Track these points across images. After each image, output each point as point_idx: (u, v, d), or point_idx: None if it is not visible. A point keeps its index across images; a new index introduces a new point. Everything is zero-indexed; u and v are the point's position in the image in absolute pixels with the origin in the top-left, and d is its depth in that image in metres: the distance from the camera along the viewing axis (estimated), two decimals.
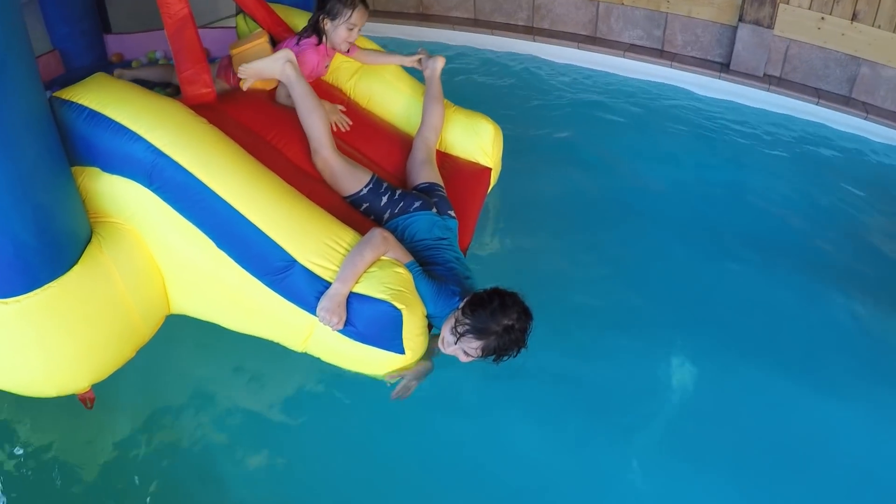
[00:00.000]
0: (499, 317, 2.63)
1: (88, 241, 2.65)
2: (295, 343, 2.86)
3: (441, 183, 3.45)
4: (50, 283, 2.47)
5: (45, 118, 2.44)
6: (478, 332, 2.63)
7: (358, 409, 3.04)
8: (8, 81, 2.19)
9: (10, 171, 2.25)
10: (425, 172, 3.47)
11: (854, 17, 5.45)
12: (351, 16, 3.57)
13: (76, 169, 2.70)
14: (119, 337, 2.72)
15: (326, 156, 3.24)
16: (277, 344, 2.90)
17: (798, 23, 5.69)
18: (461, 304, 2.74)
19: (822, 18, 5.57)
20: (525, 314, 2.69)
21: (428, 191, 3.35)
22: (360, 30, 3.66)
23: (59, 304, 2.50)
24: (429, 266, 2.96)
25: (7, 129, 2.21)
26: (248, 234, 2.70)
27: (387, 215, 3.21)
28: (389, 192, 3.24)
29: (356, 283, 2.67)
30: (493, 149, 3.92)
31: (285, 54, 3.42)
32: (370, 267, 2.72)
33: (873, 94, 5.60)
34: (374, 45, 4.09)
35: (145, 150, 2.67)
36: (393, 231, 3.13)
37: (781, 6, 5.69)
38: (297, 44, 3.65)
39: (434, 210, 3.21)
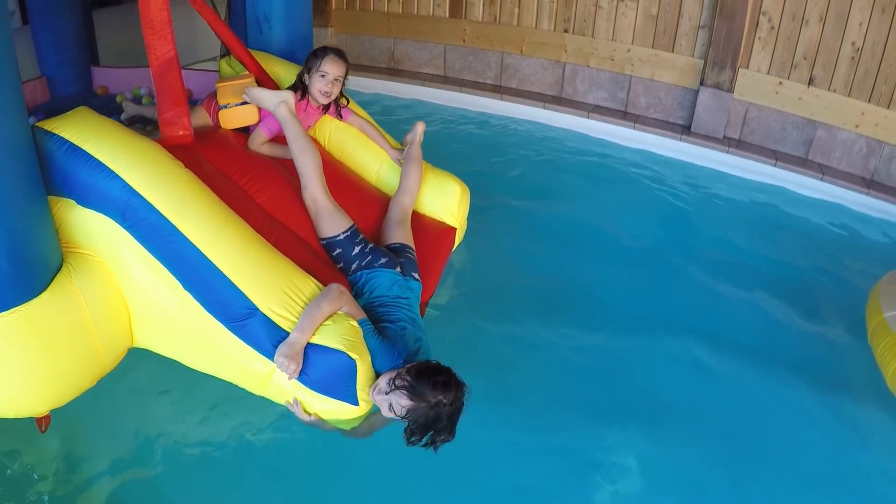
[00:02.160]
0: (438, 391, 2.60)
1: (59, 269, 2.65)
2: (253, 386, 2.86)
3: (412, 245, 3.48)
4: (18, 307, 2.45)
5: (27, 146, 2.46)
6: (412, 393, 2.60)
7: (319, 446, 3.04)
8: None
9: None
10: (399, 233, 3.51)
11: (811, 82, 5.67)
12: (321, 64, 3.64)
13: (52, 198, 2.71)
14: (81, 365, 2.71)
15: (315, 193, 3.31)
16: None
17: (757, 87, 5.90)
18: (409, 365, 2.74)
19: (780, 83, 5.78)
20: (459, 402, 2.65)
21: (398, 251, 3.39)
22: (335, 80, 3.69)
23: (25, 328, 2.48)
24: (382, 324, 2.98)
25: None
26: (214, 280, 2.72)
27: (354, 266, 3.25)
28: (363, 244, 3.29)
29: (313, 333, 2.70)
30: (458, 209, 3.95)
31: (286, 95, 3.55)
32: (326, 320, 2.75)
33: (829, 155, 5.80)
34: (368, 117, 4.14)
35: (120, 189, 2.70)
36: (355, 283, 3.20)
37: (741, 70, 5.90)
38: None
39: (398, 269, 3.25)
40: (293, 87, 3.73)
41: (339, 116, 3.93)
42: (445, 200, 3.92)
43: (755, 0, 5.68)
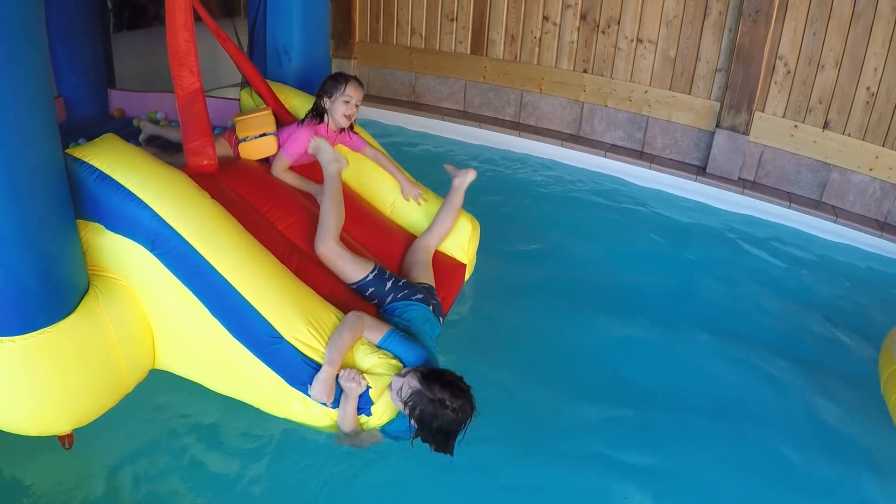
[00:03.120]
0: (447, 391, 2.69)
1: (86, 291, 2.73)
2: (276, 410, 2.95)
3: (435, 288, 3.56)
4: (46, 328, 2.53)
5: (59, 170, 2.54)
6: (424, 379, 2.71)
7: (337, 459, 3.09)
8: (31, 132, 2.32)
9: (21, 217, 2.35)
10: (426, 274, 3.59)
11: (826, 126, 5.72)
12: (345, 89, 3.75)
13: (80, 222, 2.79)
14: (106, 386, 2.78)
15: (332, 246, 3.37)
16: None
17: (772, 130, 5.96)
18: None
19: (796, 126, 5.84)
20: (464, 415, 2.71)
21: (429, 292, 3.47)
22: (357, 104, 3.81)
23: (53, 348, 2.55)
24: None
25: (23, 177, 2.32)
26: (241, 308, 2.82)
27: (389, 298, 3.34)
28: (393, 280, 3.39)
29: (342, 362, 2.83)
30: (469, 245, 4.02)
31: (341, 157, 3.74)
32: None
33: (842, 198, 5.83)
34: (382, 149, 4.23)
35: (150, 219, 2.79)
36: (392, 312, 3.28)
37: (757, 114, 5.97)
38: (299, 124, 3.83)
39: (431, 309, 3.34)
40: (313, 112, 3.84)
41: (349, 138, 4.01)
42: (456, 237, 3.98)
43: (772, 44, 5.76)
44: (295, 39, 4.39)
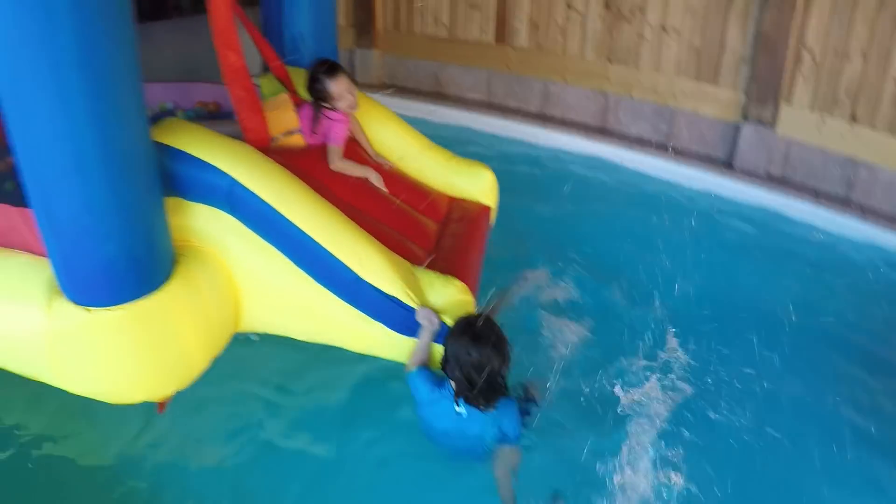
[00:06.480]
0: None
1: (176, 260, 2.88)
2: (360, 347, 3.22)
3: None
4: (152, 293, 2.69)
5: (152, 151, 2.71)
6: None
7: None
8: (132, 111, 2.50)
9: (131, 191, 2.55)
10: None
11: (853, 120, 5.72)
12: (334, 91, 3.84)
13: None
14: (202, 347, 2.94)
15: None
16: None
17: (799, 123, 5.96)
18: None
19: (823, 120, 5.84)
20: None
21: None
22: (351, 92, 3.88)
23: (158, 314, 2.72)
24: None
25: (133, 155, 2.53)
26: (321, 256, 3.03)
27: None
28: None
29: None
30: (491, 191, 4.45)
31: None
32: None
33: (870, 195, 5.76)
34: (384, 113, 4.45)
35: (225, 182, 2.97)
36: None
37: (784, 107, 5.98)
38: (326, 114, 3.84)
39: None
40: (316, 108, 3.86)
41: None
42: (480, 185, 4.42)
43: (797, 34, 5.76)
44: (306, 27, 4.52)
